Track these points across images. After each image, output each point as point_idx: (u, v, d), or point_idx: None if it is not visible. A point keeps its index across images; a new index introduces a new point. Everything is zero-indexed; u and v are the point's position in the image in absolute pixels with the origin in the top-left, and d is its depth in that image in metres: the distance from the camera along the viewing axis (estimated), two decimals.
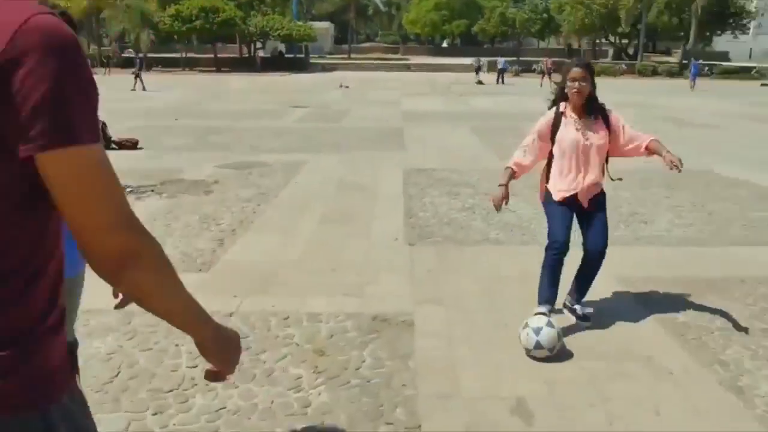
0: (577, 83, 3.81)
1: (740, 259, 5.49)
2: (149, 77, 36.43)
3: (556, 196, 3.92)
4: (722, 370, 3.52)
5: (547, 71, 32.82)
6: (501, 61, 35.85)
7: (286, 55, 50.76)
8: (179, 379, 3.35)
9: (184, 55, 47.15)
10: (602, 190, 4.01)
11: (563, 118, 3.92)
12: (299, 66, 46.27)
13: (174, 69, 44.67)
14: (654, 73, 44.41)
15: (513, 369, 3.49)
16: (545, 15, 54.84)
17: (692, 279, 4.91)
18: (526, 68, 43.56)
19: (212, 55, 46.54)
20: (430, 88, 29.10)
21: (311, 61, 50.22)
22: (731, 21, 48.82)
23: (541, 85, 30.59)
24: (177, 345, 3.72)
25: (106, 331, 3.92)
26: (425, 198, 7.49)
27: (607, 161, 4.01)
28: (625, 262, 5.26)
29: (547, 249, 3.97)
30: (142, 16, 43.83)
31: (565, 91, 3.90)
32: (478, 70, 35.25)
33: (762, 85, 36.64)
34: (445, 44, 74.85)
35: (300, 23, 49.19)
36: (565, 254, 3.89)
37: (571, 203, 3.90)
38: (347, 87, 28.25)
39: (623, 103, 21.82)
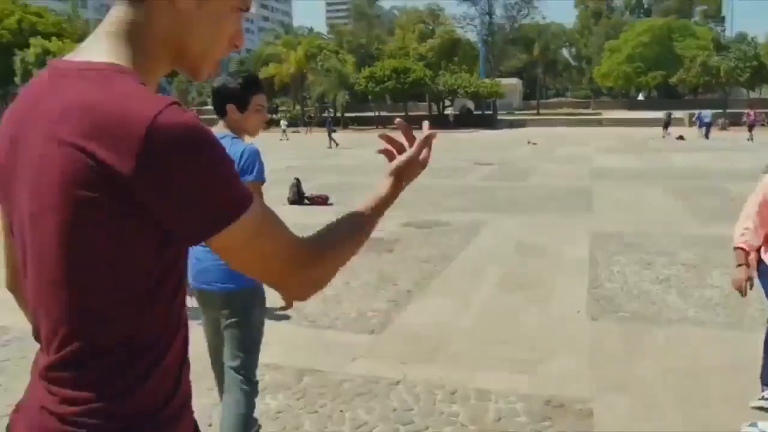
0: None
1: None
2: (345, 135, 38.96)
3: None
4: None
5: (749, 123, 30.32)
6: (707, 114, 33.16)
7: (475, 112, 51.50)
8: None
9: (377, 114, 49.79)
10: None
11: None
12: (487, 123, 46.63)
13: (368, 127, 47.28)
14: None
15: None
16: (755, 62, 50.12)
17: None
18: (734, 121, 39.89)
19: (403, 113, 48.56)
20: (622, 143, 27.66)
21: (499, 117, 50.41)
22: None
23: (750, 139, 27.99)
24: (342, 411, 3.69)
25: (278, 387, 4.01)
26: (613, 266, 6.93)
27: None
28: None
29: None
30: (340, 78, 47.14)
31: None
32: (667, 124, 33.03)
33: None
34: (640, 97, 71.25)
35: (487, 80, 49.79)
36: None
37: None
38: (535, 143, 27.80)
39: None
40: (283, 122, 38.38)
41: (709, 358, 4.40)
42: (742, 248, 3.45)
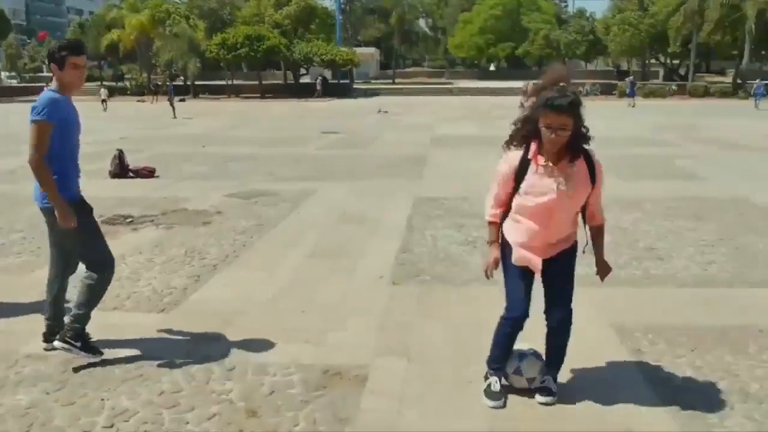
0: (553, 133, 2.93)
1: (763, 304, 4.87)
2: (195, 104, 37.27)
3: (516, 255, 3.21)
4: None
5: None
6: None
7: (331, 81, 51.15)
8: None
9: (230, 83, 48.05)
10: (574, 242, 3.30)
11: (532, 165, 3.08)
12: (343, 92, 46.52)
13: (220, 96, 45.56)
14: (706, 93, 42.82)
15: None
16: (591, 36, 53.78)
17: (702, 328, 4.34)
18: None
19: (257, 82, 47.26)
20: (468, 112, 28.65)
21: (355, 86, 50.45)
22: None
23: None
24: (103, 399, 3.41)
25: (36, 380, 3.64)
26: (428, 230, 7.06)
27: (583, 212, 3.24)
28: (626, 307, 4.74)
29: (502, 318, 3.38)
30: (190, 45, 44.90)
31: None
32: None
33: None
34: (492, 68, 74.28)
35: (344, 49, 49.55)
36: (522, 325, 3.32)
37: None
38: (386, 112, 28.08)
39: (666, 125, 20.99)
40: (102, 91, 34.35)
41: (490, 313, 4.55)
42: (494, 222, 3.30)
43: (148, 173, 11.03)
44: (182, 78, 49.56)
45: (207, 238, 6.85)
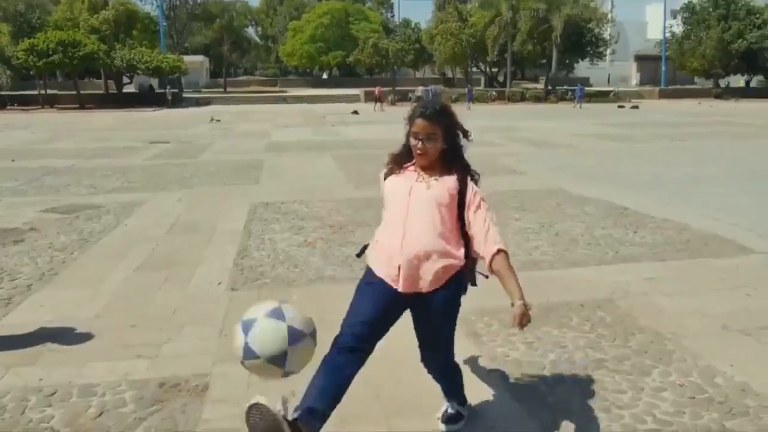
0: (420, 142, 2.58)
1: (582, 280, 5.30)
2: (2, 116, 33.71)
3: (373, 265, 2.70)
4: (548, 416, 3.16)
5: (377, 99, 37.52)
6: (420, 90, 39.07)
7: (158, 90, 48.75)
8: None
9: (43, 92, 44.09)
10: (457, 272, 2.61)
11: (404, 171, 2.73)
12: (171, 100, 44.50)
13: (33, 107, 41.64)
14: (522, 98, 46.46)
15: None
16: (417, 45, 56.20)
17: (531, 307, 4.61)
18: (402, 97, 44.29)
19: (75, 92, 43.81)
20: (303, 119, 28.66)
21: (185, 95, 48.52)
22: (589, 49, 52.11)
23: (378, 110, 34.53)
24: None
25: None
26: (266, 234, 6.89)
27: (468, 236, 2.65)
28: None
29: (333, 342, 2.61)
30: None
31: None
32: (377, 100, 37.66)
33: (618, 107, 39.10)
34: (325, 76, 75.05)
35: (170, 56, 47.45)
36: (355, 357, 2.57)
37: (392, 291, 2.62)
38: (218, 120, 27.24)
39: (490, 128, 22.43)
40: None
41: (332, 312, 4.52)
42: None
43: None
44: None
45: (19, 257, 6.16)
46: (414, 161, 2.69)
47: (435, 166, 2.66)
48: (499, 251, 2.52)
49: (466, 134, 2.73)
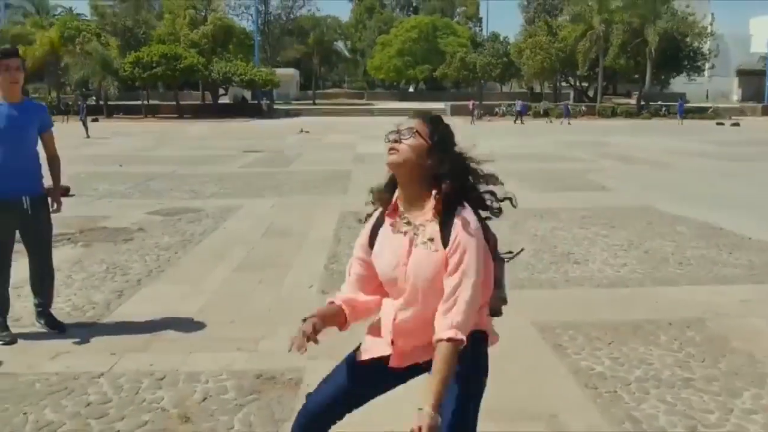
0: (396, 134, 2.05)
1: (671, 300, 5.21)
2: (109, 124, 36.05)
3: (363, 349, 2.26)
4: (632, 428, 3.18)
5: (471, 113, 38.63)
6: (518, 104, 40.97)
7: (251, 101, 50.72)
8: None
9: (146, 102, 46.77)
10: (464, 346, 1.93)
11: (387, 219, 2.13)
12: (263, 112, 46.19)
13: (136, 116, 44.23)
14: (613, 114, 45.23)
15: None
16: (505, 59, 55.81)
17: (618, 323, 4.60)
18: (488, 111, 44.13)
19: (174, 102, 46.24)
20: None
21: (276, 107, 50.22)
22: (686, 63, 50.18)
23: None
24: (25, 413, 3.28)
25: None
26: (354, 242, 7.13)
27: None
28: (546, 307, 4.96)
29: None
30: (102, 63, 43.50)
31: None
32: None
33: (717, 123, 37.44)
34: (411, 89, 75.70)
35: (263, 69, 49.28)
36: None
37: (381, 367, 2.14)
38: (307, 132, 28.08)
39: (578, 143, 22.05)
40: None
41: None
42: (333, 302, 2.26)
43: (63, 192, 10.58)
44: (95, 97, 47.90)
45: (129, 254, 6.67)
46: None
47: (420, 198, 2.04)
48: (449, 339, 1.89)
49: (479, 176, 2.14)
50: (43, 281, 4.47)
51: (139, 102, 47.27)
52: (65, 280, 5.68)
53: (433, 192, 2.00)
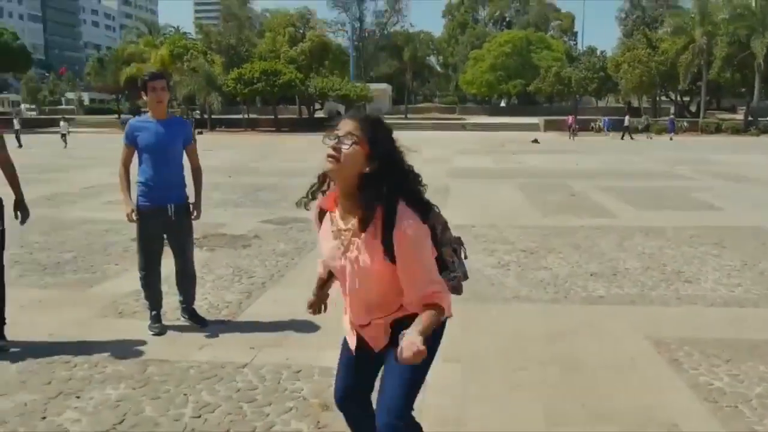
0: (336, 140, 2.09)
1: None
2: (212, 137, 37.99)
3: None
4: None
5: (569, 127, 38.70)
6: (605, 120, 41.41)
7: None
8: (180, 427, 3.33)
9: (246, 116, 48.98)
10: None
11: (329, 214, 2.28)
12: None
13: (237, 129, 46.40)
14: (717, 129, 43.28)
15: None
16: (602, 73, 54.56)
17: (734, 342, 4.60)
18: (583, 127, 43.26)
19: (272, 116, 48.15)
20: (482, 146, 29.15)
21: None
22: None
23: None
24: (185, 395, 3.71)
25: (120, 378, 3.94)
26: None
27: None
28: (660, 322, 5.01)
29: None
30: (207, 80, 45.94)
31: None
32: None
33: None
34: (502, 104, 75.27)
35: (358, 84, 50.52)
36: (350, 415, 2.63)
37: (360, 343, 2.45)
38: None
39: (681, 160, 21.35)
40: (63, 124, 31.03)
41: (532, 328, 4.86)
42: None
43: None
44: (199, 111, 50.58)
45: (251, 259, 7.19)
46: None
47: (353, 197, 2.13)
48: (427, 305, 2.11)
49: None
50: (186, 280, 4.96)
51: (240, 116, 49.56)
52: (198, 281, 6.20)
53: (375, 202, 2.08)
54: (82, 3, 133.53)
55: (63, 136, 29.61)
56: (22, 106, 67.89)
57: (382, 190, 2.06)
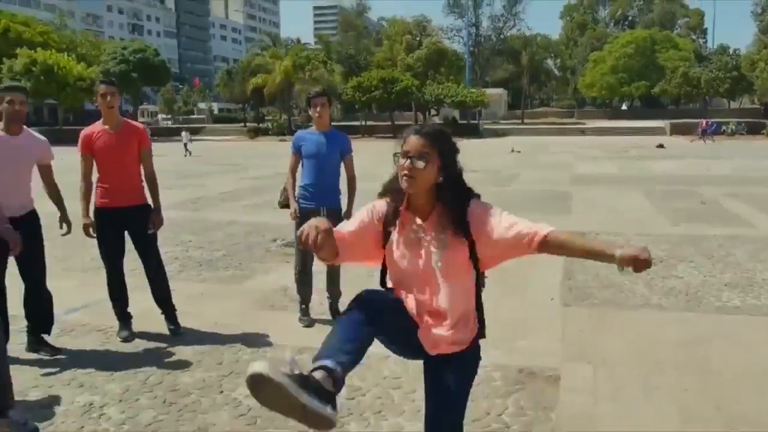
0: (409, 161, 2.20)
1: None
2: None
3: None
4: None
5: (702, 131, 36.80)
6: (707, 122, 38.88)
7: (460, 121, 52.26)
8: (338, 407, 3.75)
9: (363, 123, 50.35)
10: (471, 345, 2.43)
11: (399, 223, 2.33)
12: (472, 132, 47.35)
13: (354, 136, 47.71)
14: None
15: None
16: (735, 73, 51.27)
17: None
18: (714, 131, 40.90)
19: (389, 123, 49.16)
20: (604, 151, 28.37)
21: (485, 126, 51.18)
22: None
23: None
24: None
25: None
26: (586, 261, 7.41)
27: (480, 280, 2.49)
28: None
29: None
30: (328, 88, 47.61)
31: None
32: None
33: None
34: (624, 107, 72.46)
35: (473, 90, 50.56)
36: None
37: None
38: (518, 151, 28.42)
39: None
40: (184, 134, 33.35)
41: (665, 334, 4.92)
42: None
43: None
44: None
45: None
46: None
47: (427, 206, 2.30)
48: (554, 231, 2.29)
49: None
50: (333, 281, 5.44)
51: (357, 123, 51.00)
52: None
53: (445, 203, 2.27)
54: (212, 19, 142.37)
55: (185, 145, 31.79)
56: (159, 116, 73.37)
57: (458, 192, 2.29)
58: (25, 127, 4.50)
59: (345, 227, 2.34)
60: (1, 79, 46.01)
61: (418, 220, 2.31)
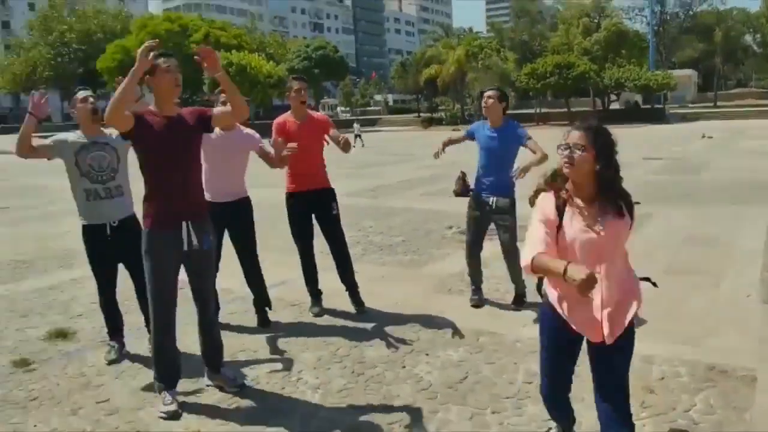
0: (568, 150, 2.55)
1: None
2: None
3: (562, 318, 2.74)
4: None
5: None
6: None
7: (643, 106, 49.13)
8: (515, 390, 3.84)
9: (538, 111, 49.12)
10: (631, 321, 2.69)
11: (567, 208, 2.62)
12: (656, 117, 44.32)
13: (528, 124, 46.74)
14: None
15: None
16: None
17: None
18: None
19: (565, 109, 47.51)
20: None
21: (671, 111, 47.65)
22: None
23: None
24: (515, 363, 4.22)
25: (459, 344, 4.62)
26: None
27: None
28: None
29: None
30: (500, 77, 47.10)
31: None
32: None
33: None
34: None
35: (658, 72, 47.22)
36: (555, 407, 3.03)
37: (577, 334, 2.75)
38: (710, 137, 26.18)
39: None
40: (356, 125, 34.65)
41: None
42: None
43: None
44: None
45: None
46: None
47: (591, 194, 2.60)
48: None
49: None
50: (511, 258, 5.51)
51: (531, 110, 49.89)
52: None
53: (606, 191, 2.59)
54: (386, 14, 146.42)
55: (357, 136, 32.60)
56: (338, 108, 77.01)
57: (615, 180, 2.60)
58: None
59: (541, 238, 2.57)
60: (204, 80, 51.16)
61: (583, 204, 2.61)
